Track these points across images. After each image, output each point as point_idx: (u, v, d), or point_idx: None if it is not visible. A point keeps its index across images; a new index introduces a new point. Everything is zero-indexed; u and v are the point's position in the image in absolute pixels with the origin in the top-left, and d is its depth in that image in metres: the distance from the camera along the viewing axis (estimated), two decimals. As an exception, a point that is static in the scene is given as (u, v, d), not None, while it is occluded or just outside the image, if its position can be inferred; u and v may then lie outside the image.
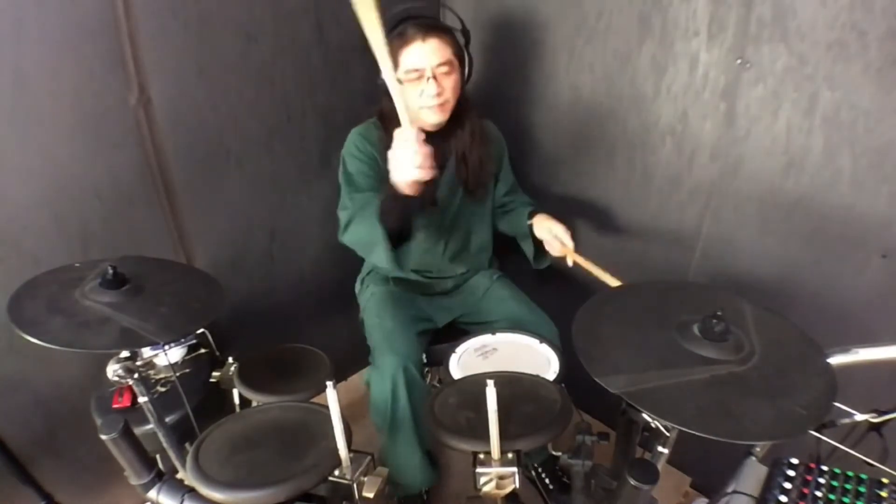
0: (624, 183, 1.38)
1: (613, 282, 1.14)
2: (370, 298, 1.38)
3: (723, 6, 1.08)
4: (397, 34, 1.13)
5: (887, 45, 0.92)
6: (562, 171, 1.52)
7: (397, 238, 1.10)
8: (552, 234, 1.27)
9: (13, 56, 0.96)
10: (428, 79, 1.15)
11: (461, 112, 1.25)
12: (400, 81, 1.15)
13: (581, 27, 1.31)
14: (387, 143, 1.21)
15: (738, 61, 1.08)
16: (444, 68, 1.16)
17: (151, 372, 1.17)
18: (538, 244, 1.34)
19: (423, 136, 0.94)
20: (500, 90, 1.49)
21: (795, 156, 1.08)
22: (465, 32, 1.21)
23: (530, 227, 1.33)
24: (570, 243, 1.24)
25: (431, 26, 1.14)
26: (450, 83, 1.18)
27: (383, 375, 1.18)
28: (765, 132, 1.10)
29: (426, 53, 1.13)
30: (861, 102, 0.97)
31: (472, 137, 1.29)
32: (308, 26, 1.33)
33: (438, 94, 1.16)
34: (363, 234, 1.11)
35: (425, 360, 1.33)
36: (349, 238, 1.17)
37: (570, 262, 1.25)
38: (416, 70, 1.14)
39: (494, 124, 1.41)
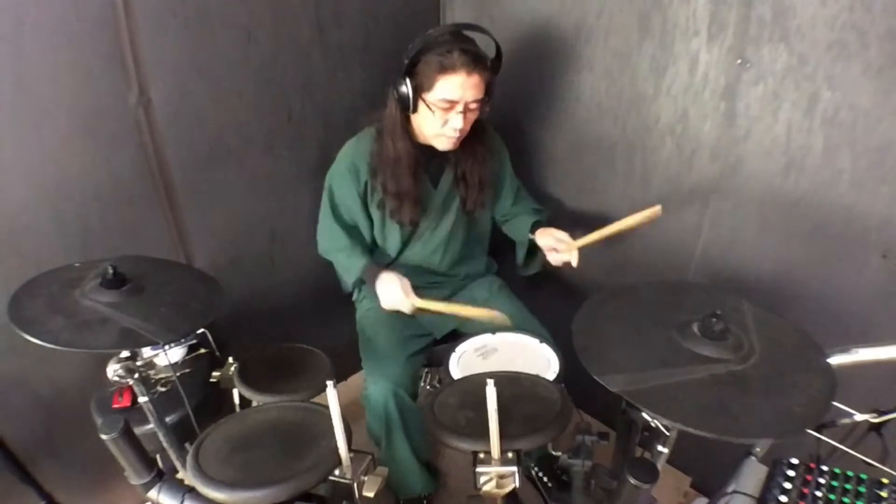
0: (624, 183, 1.38)
1: (639, 218, 1.12)
2: (366, 314, 1.36)
3: (723, 6, 1.08)
4: (440, 53, 1.08)
5: (887, 45, 0.92)
6: (561, 171, 1.52)
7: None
8: (556, 238, 1.25)
9: (13, 56, 0.96)
10: (458, 112, 1.12)
11: (472, 132, 1.22)
12: (427, 105, 1.13)
13: (581, 27, 1.31)
14: (379, 157, 1.22)
15: (738, 61, 1.08)
16: (475, 104, 1.14)
17: (151, 372, 1.17)
18: (535, 252, 1.34)
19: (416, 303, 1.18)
20: (500, 90, 1.49)
21: (795, 156, 1.08)
22: (497, 62, 1.16)
23: (532, 240, 1.32)
24: (574, 244, 1.21)
25: (478, 59, 1.10)
26: (473, 117, 1.17)
27: (375, 400, 1.20)
28: (765, 132, 1.10)
29: (467, 88, 1.10)
30: (861, 102, 0.97)
31: (474, 159, 1.27)
32: (308, 26, 1.33)
33: (461, 129, 1.15)
34: (341, 263, 1.34)
35: (424, 362, 1.33)
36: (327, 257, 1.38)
37: (574, 263, 1.21)
38: (451, 102, 1.11)
39: (494, 127, 1.40)
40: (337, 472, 0.82)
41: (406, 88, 1.12)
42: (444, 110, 1.12)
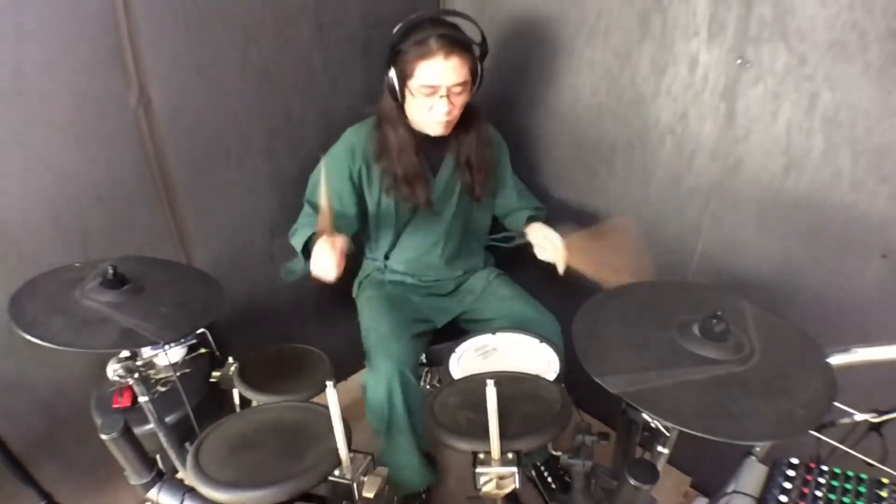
0: (624, 183, 1.38)
1: (612, 279, 1.12)
2: (366, 302, 1.37)
3: (723, 6, 1.08)
4: (416, 42, 1.09)
5: (887, 45, 0.92)
6: (561, 172, 1.52)
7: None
8: (547, 239, 1.24)
9: (13, 56, 0.95)
10: (441, 97, 1.13)
11: (465, 117, 1.23)
12: (411, 93, 1.14)
13: (581, 27, 1.31)
14: (381, 142, 1.22)
15: (738, 61, 1.08)
16: (459, 88, 1.14)
17: (151, 372, 1.17)
18: (528, 249, 1.33)
19: (340, 249, 1.09)
20: (500, 90, 1.49)
21: (795, 156, 1.08)
22: (484, 46, 1.16)
23: (524, 233, 1.33)
24: (562, 249, 1.22)
25: (455, 43, 1.10)
26: (460, 100, 1.17)
27: (378, 380, 1.18)
28: (765, 132, 1.10)
29: (446, 72, 1.10)
30: (861, 102, 0.97)
31: (477, 143, 1.28)
32: (308, 26, 1.33)
33: (448, 113, 1.15)
34: (299, 237, 1.23)
35: (424, 361, 1.33)
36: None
37: (560, 269, 1.22)
38: (432, 87, 1.12)
39: (493, 125, 1.41)
40: (337, 472, 0.82)
41: (391, 78, 1.14)
42: (427, 96, 1.13)
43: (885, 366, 0.83)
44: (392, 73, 1.13)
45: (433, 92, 1.12)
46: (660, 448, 0.91)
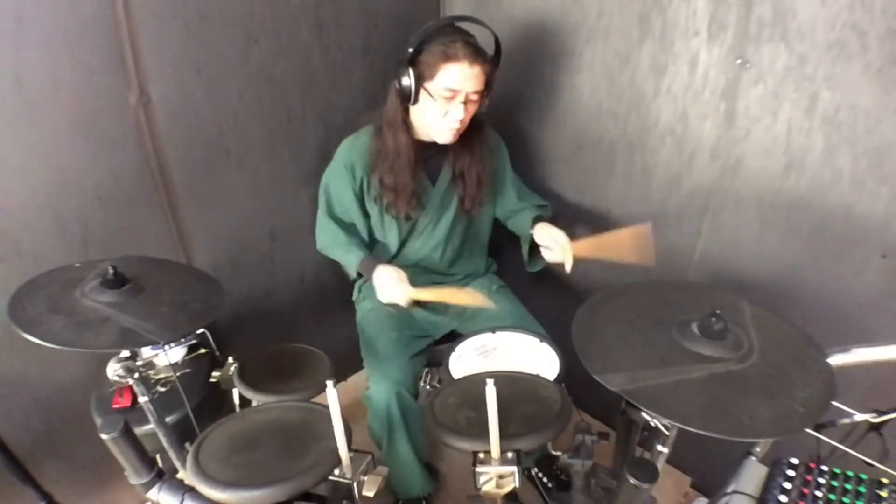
0: (624, 183, 1.38)
1: (632, 255, 1.12)
2: (366, 315, 1.36)
3: (723, 6, 1.08)
4: (443, 43, 1.09)
5: (887, 45, 0.92)
6: (561, 171, 1.52)
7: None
8: (554, 240, 1.22)
9: (13, 56, 0.96)
10: (461, 103, 1.14)
11: (468, 129, 1.23)
12: (429, 95, 1.13)
13: (581, 27, 1.31)
14: (377, 153, 1.22)
15: (738, 61, 1.08)
16: (476, 96, 1.15)
17: (151, 372, 1.17)
18: (535, 250, 1.32)
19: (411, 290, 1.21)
20: (500, 90, 1.49)
21: (795, 156, 1.08)
22: (496, 57, 1.17)
23: (531, 235, 1.31)
24: (568, 247, 1.20)
25: (479, 51, 1.12)
26: (473, 109, 1.18)
27: (378, 400, 1.20)
28: (765, 132, 1.10)
29: (469, 78, 1.11)
30: (861, 102, 0.97)
31: (472, 156, 1.28)
32: (308, 26, 1.33)
33: (462, 120, 1.16)
34: (339, 259, 1.37)
35: (425, 362, 1.33)
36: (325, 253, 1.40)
37: (568, 268, 1.20)
38: (453, 91, 1.12)
39: (493, 126, 1.41)
40: (337, 471, 0.82)
41: (408, 79, 1.13)
42: (446, 99, 1.13)
43: (885, 366, 0.83)
44: (410, 73, 1.12)
45: (453, 96, 1.12)
46: (659, 447, 0.91)
